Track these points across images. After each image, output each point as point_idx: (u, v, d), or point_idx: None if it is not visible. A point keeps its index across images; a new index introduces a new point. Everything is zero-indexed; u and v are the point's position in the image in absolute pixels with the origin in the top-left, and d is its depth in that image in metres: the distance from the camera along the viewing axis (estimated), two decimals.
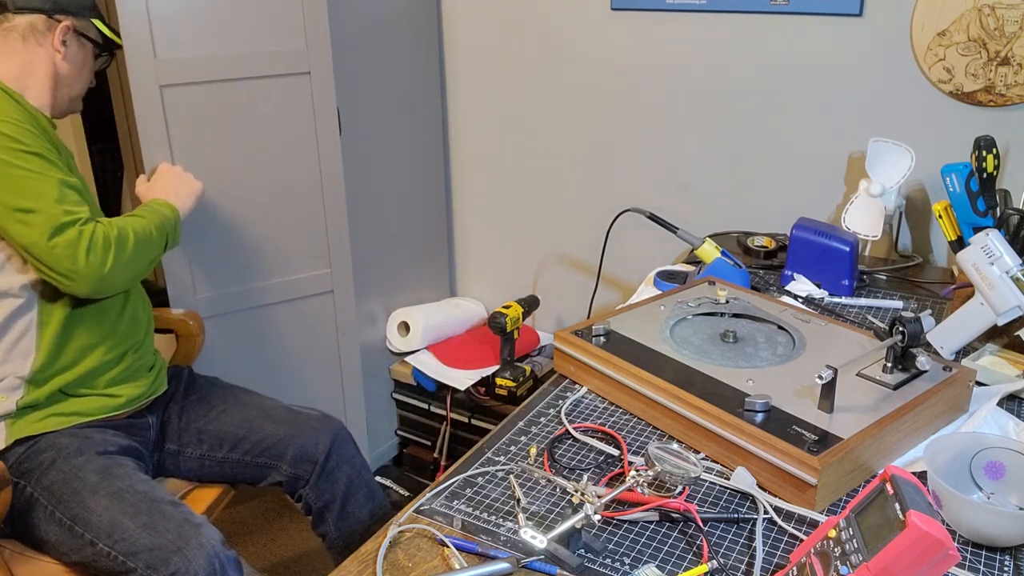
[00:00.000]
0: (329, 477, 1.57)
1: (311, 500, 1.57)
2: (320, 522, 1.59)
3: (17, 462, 1.34)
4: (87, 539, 1.26)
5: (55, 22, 1.42)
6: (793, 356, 1.23)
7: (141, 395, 1.50)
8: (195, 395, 1.63)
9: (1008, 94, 1.69)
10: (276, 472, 1.57)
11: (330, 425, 1.60)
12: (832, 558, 0.77)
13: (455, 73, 2.46)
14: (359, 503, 1.59)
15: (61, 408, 1.40)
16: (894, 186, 1.73)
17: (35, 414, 1.38)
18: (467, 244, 2.66)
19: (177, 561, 1.22)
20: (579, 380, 1.31)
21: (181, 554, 1.22)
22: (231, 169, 1.86)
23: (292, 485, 1.58)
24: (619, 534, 0.96)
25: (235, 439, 1.57)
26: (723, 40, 1.99)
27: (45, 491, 1.31)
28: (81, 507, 1.28)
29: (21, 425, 1.36)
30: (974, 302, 1.27)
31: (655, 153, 2.19)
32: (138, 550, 1.23)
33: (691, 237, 1.63)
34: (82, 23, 1.47)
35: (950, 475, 0.98)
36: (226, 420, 1.58)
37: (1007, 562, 0.90)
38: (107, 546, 1.25)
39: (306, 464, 1.56)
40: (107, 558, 1.25)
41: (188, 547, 1.23)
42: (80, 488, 1.30)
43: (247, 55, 1.81)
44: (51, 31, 1.42)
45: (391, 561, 0.92)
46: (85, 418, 1.41)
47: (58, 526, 1.29)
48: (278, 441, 1.56)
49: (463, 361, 2.37)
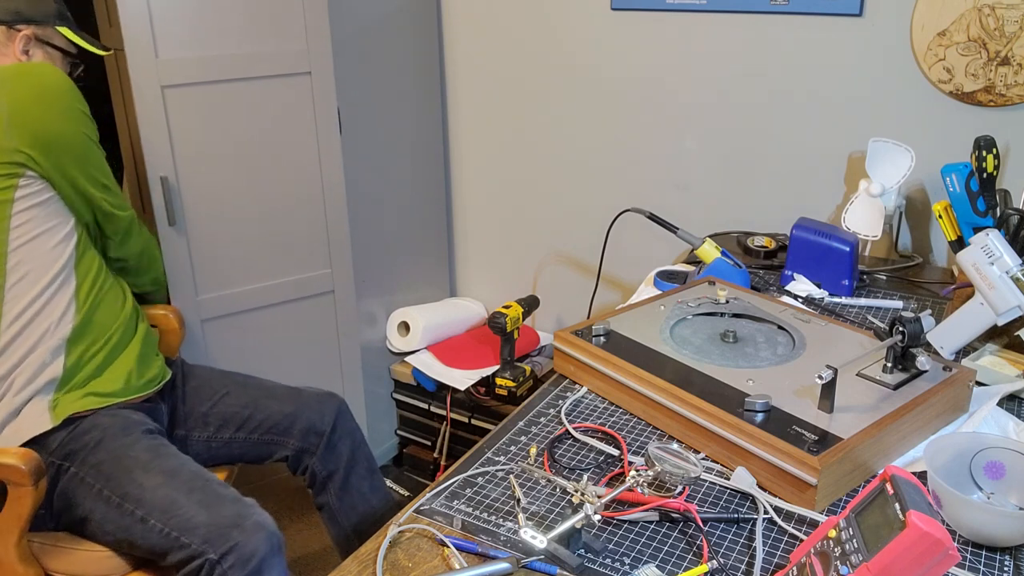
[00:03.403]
0: (333, 449, 1.64)
1: (317, 469, 1.63)
2: (322, 492, 1.65)
3: (61, 445, 1.36)
4: (137, 516, 1.28)
5: (15, 31, 1.47)
6: (793, 356, 1.23)
7: (157, 376, 1.54)
8: (194, 382, 1.65)
9: (1008, 94, 1.69)
10: (283, 448, 1.62)
11: (333, 400, 1.67)
12: (832, 558, 0.77)
13: (455, 73, 2.46)
14: (360, 476, 1.66)
15: (97, 387, 1.42)
16: (894, 186, 1.73)
17: (76, 392, 1.40)
18: (467, 244, 2.66)
19: (237, 535, 1.24)
20: (579, 380, 1.31)
21: (240, 529, 1.24)
22: (232, 169, 1.86)
23: (297, 459, 1.64)
24: (619, 534, 0.96)
25: (241, 419, 1.61)
26: (723, 40, 1.99)
27: (92, 470, 1.33)
28: (132, 484, 1.30)
29: (64, 405, 1.38)
30: (974, 302, 1.27)
31: (655, 153, 2.19)
32: (195, 526, 1.25)
33: (691, 237, 1.63)
34: (45, 31, 1.51)
35: (950, 475, 0.98)
36: (230, 402, 1.63)
37: (1007, 562, 0.90)
38: (160, 522, 1.27)
39: (313, 437, 1.62)
40: (158, 535, 1.26)
41: (247, 523, 1.25)
42: (131, 466, 1.32)
43: (248, 55, 1.81)
44: (12, 41, 1.46)
45: (391, 561, 0.92)
46: (118, 399, 1.44)
47: (105, 504, 1.31)
48: (284, 417, 1.62)
49: (463, 361, 2.37)
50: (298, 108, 1.91)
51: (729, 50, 1.99)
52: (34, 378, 1.37)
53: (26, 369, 1.37)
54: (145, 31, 1.67)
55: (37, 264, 1.38)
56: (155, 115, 1.72)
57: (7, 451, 1.23)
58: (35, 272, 1.38)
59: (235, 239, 1.90)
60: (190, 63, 1.74)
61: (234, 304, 1.94)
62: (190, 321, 1.86)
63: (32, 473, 1.23)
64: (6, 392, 1.36)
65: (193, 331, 1.88)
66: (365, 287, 2.35)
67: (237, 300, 1.94)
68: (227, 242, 1.89)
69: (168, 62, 1.71)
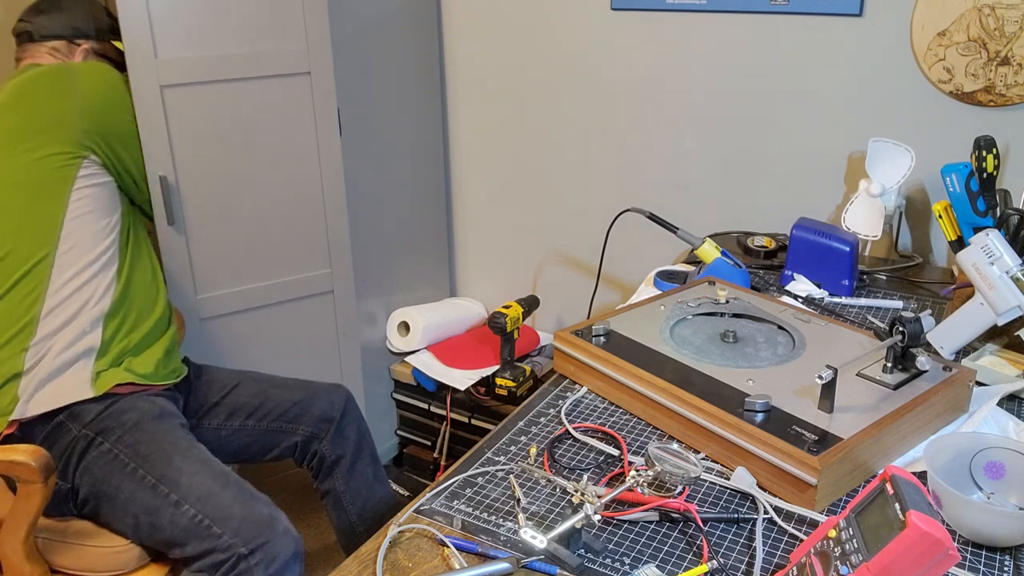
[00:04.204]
0: (342, 433, 1.71)
1: (326, 452, 1.69)
2: (328, 477, 1.70)
3: (97, 419, 1.38)
4: (172, 499, 1.30)
5: (75, 45, 1.65)
6: (793, 356, 1.23)
7: (178, 369, 1.58)
8: (205, 377, 1.70)
9: (1008, 94, 1.69)
10: (292, 435, 1.68)
11: (341, 390, 1.75)
12: (832, 558, 0.77)
13: (455, 73, 2.46)
14: (365, 463, 1.73)
15: (133, 365, 1.47)
16: (894, 186, 1.73)
17: (115, 368, 1.45)
18: (467, 244, 2.66)
19: (268, 534, 1.27)
20: (579, 380, 1.31)
21: (272, 530, 1.28)
22: (231, 169, 1.86)
23: (306, 446, 1.69)
24: (619, 534, 0.96)
25: (252, 408, 1.66)
26: (723, 40, 1.99)
27: (129, 448, 1.35)
28: (171, 468, 1.33)
29: (106, 378, 1.42)
30: (974, 302, 1.27)
31: (655, 153, 2.19)
32: (229, 517, 1.27)
33: (691, 237, 1.63)
34: (101, 45, 1.69)
35: (950, 475, 0.98)
36: (241, 392, 1.68)
37: (1007, 562, 0.90)
38: (195, 508, 1.29)
39: (323, 423, 1.69)
40: (189, 520, 1.28)
41: (278, 524, 1.30)
42: (170, 451, 1.35)
43: (247, 55, 1.81)
44: (72, 54, 1.64)
45: (391, 561, 0.92)
46: (150, 381, 1.47)
47: (138, 484, 1.32)
48: (295, 404, 1.68)
49: (463, 361, 2.37)
50: (298, 108, 1.90)
51: (729, 50, 1.99)
52: (73, 343, 1.42)
53: (68, 334, 1.42)
54: (144, 31, 1.67)
55: (86, 238, 1.47)
56: (154, 115, 1.72)
57: (17, 448, 1.23)
58: (83, 245, 1.47)
59: (234, 239, 1.90)
60: (189, 63, 1.74)
61: (234, 303, 1.94)
62: (189, 320, 1.86)
63: (42, 470, 1.23)
64: (47, 352, 1.40)
65: (192, 330, 1.88)
66: (365, 287, 2.35)
67: (237, 299, 1.94)
68: (226, 242, 1.89)
69: (167, 62, 1.71)
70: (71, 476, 1.37)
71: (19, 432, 1.38)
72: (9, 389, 1.39)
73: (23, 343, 1.40)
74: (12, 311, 1.41)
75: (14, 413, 1.37)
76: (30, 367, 1.39)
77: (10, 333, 1.40)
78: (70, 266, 1.45)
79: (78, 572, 1.36)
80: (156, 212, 1.76)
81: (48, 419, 1.38)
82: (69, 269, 1.45)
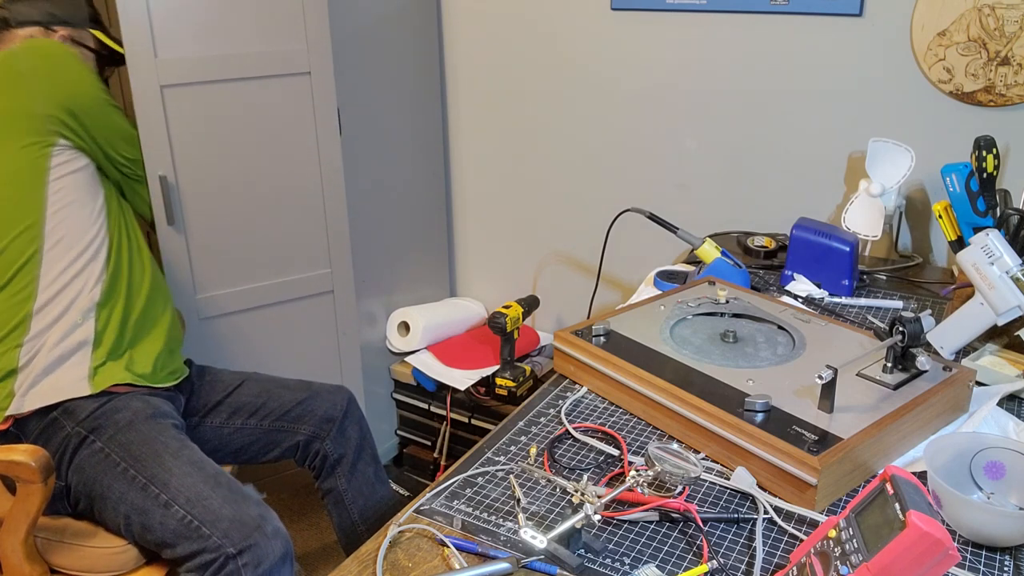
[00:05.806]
0: (344, 433, 1.71)
1: (328, 451, 1.69)
2: (330, 476, 1.70)
3: (90, 416, 1.38)
4: (162, 500, 1.29)
5: (51, 32, 1.59)
6: (793, 356, 1.23)
7: (179, 370, 1.58)
8: (208, 377, 1.70)
9: (1008, 94, 1.69)
10: (294, 435, 1.68)
11: (343, 391, 1.76)
12: (832, 558, 0.77)
13: (455, 73, 2.46)
14: (367, 462, 1.74)
15: (132, 365, 1.47)
16: (894, 186, 1.73)
17: (113, 365, 1.44)
18: (467, 244, 2.66)
19: (257, 536, 1.26)
20: (579, 380, 1.31)
21: (261, 532, 1.27)
22: (231, 169, 1.86)
23: (307, 446, 1.69)
24: (619, 534, 0.96)
25: (254, 407, 1.67)
26: (723, 40, 1.99)
27: (120, 448, 1.35)
28: (161, 469, 1.32)
29: (103, 375, 1.42)
30: (974, 302, 1.27)
31: (655, 153, 2.19)
32: (218, 518, 1.27)
33: (691, 237, 1.63)
34: (79, 33, 1.62)
35: (950, 475, 0.98)
36: (244, 391, 1.68)
37: (1007, 562, 0.90)
38: (184, 510, 1.28)
39: (326, 424, 1.69)
40: (178, 522, 1.28)
41: (267, 526, 1.28)
42: (161, 451, 1.34)
43: (247, 55, 1.81)
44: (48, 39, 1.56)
45: (391, 561, 0.92)
46: (148, 383, 1.47)
47: (128, 484, 1.32)
48: (297, 404, 1.68)
49: (463, 361, 2.37)
50: (298, 108, 1.90)
51: (729, 50, 1.99)
52: (67, 336, 1.41)
53: (61, 328, 1.42)
54: (144, 31, 1.67)
55: (73, 229, 1.46)
56: (154, 115, 1.72)
57: (16, 448, 1.23)
58: (70, 237, 1.46)
59: (234, 238, 1.90)
60: (189, 63, 1.74)
61: (233, 303, 1.94)
62: (189, 320, 1.86)
63: (42, 470, 1.23)
64: (42, 347, 1.40)
65: (192, 330, 1.88)
66: (365, 287, 2.35)
67: (237, 299, 1.94)
68: (226, 241, 1.89)
69: (167, 62, 1.71)
70: (64, 474, 1.37)
71: (14, 428, 1.38)
72: (5, 385, 1.39)
73: (17, 340, 1.40)
74: (5, 309, 1.41)
75: (10, 409, 1.37)
76: (25, 363, 1.39)
77: (4, 331, 1.40)
78: (59, 259, 1.44)
79: (77, 572, 1.36)
80: (156, 212, 1.76)
81: (43, 415, 1.38)
82: (59, 263, 1.44)
